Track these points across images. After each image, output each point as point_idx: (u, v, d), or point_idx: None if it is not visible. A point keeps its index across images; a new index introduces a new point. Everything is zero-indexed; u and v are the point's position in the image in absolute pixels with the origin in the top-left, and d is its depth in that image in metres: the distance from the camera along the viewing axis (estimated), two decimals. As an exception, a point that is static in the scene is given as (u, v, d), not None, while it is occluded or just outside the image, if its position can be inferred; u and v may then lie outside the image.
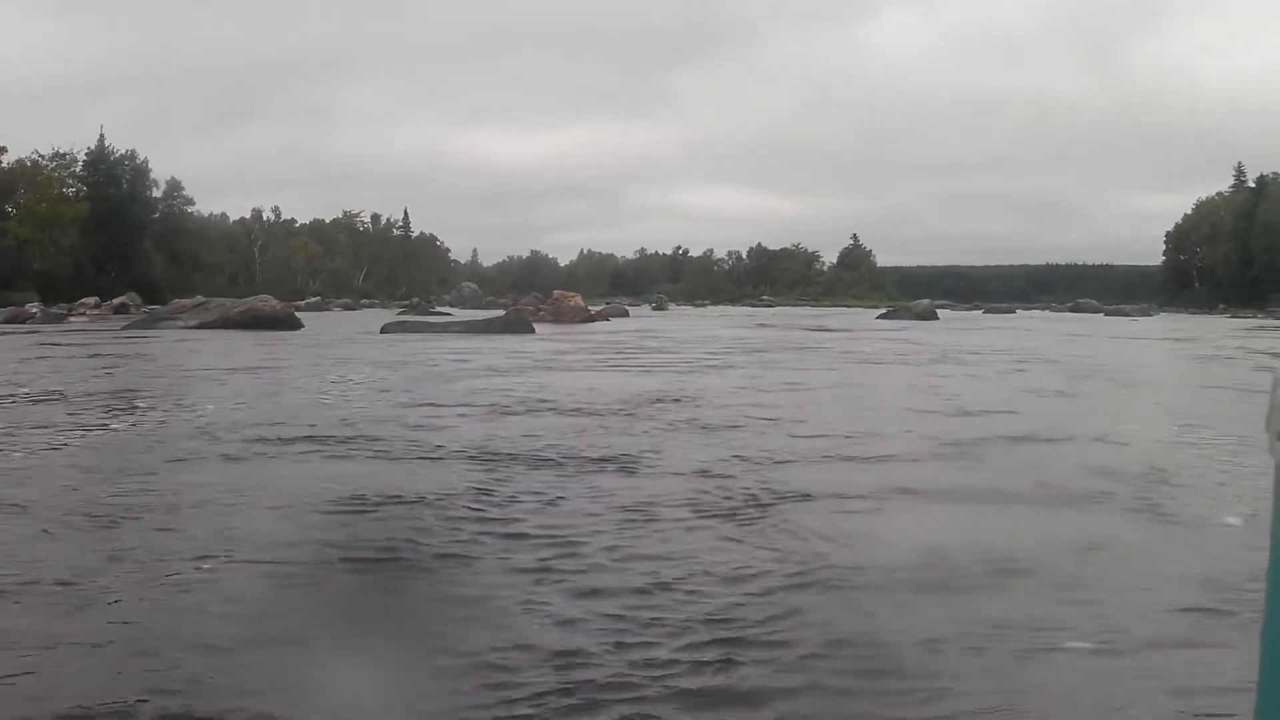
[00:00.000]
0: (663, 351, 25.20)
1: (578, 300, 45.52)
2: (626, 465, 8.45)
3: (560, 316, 43.70)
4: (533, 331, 32.36)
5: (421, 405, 13.16)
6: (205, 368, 19.54)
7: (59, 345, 26.77)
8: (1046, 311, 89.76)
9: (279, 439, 9.75)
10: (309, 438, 9.87)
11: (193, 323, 37.69)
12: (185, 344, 27.64)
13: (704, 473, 8.06)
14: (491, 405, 13.07)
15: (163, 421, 11.24)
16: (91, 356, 22.89)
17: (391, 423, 11.08)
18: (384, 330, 32.45)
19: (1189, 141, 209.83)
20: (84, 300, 73.12)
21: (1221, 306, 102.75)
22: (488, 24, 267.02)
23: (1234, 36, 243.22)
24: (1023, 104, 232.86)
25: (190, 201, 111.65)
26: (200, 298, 43.19)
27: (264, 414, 11.90)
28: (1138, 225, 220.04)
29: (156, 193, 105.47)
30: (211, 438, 9.88)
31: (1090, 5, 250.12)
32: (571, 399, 13.86)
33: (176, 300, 47.29)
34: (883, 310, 60.06)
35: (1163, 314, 78.11)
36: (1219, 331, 43.67)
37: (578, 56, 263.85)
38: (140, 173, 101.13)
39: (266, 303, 38.54)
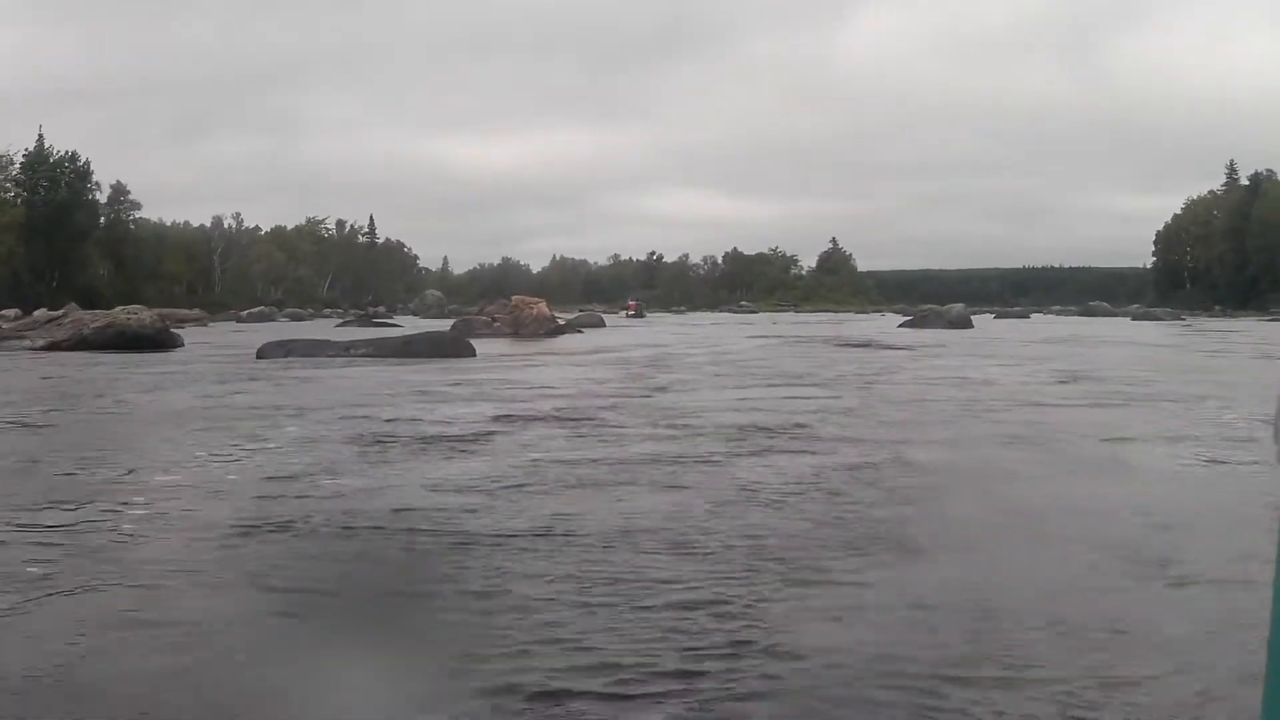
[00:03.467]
0: (690, 385, 15.17)
1: (541, 308, 34.81)
2: None
3: (521, 328, 33.24)
4: (472, 354, 21.91)
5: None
6: None
7: None
8: (1057, 315, 79.63)
9: None
10: None
11: (40, 343, 27.39)
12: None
13: None
14: None
15: None
16: None
17: None
18: (261, 355, 21.98)
19: (1167, 142, 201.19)
20: (3, 313, 63.03)
21: (1217, 308, 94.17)
22: (455, 28, 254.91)
23: (1214, 36, 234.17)
24: (1001, 104, 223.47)
25: (137, 206, 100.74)
26: (59, 310, 32.29)
27: None
28: (1113, 227, 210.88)
29: (101, 197, 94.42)
30: None
31: (1071, 5, 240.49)
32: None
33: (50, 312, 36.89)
34: (906, 318, 49.43)
35: (1190, 317, 68.35)
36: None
37: (548, 59, 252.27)
38: (82, 176, 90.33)
39: (134, 316, 28.08)
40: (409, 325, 47.50)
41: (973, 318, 47.05)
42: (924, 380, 16.84)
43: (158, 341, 27.05)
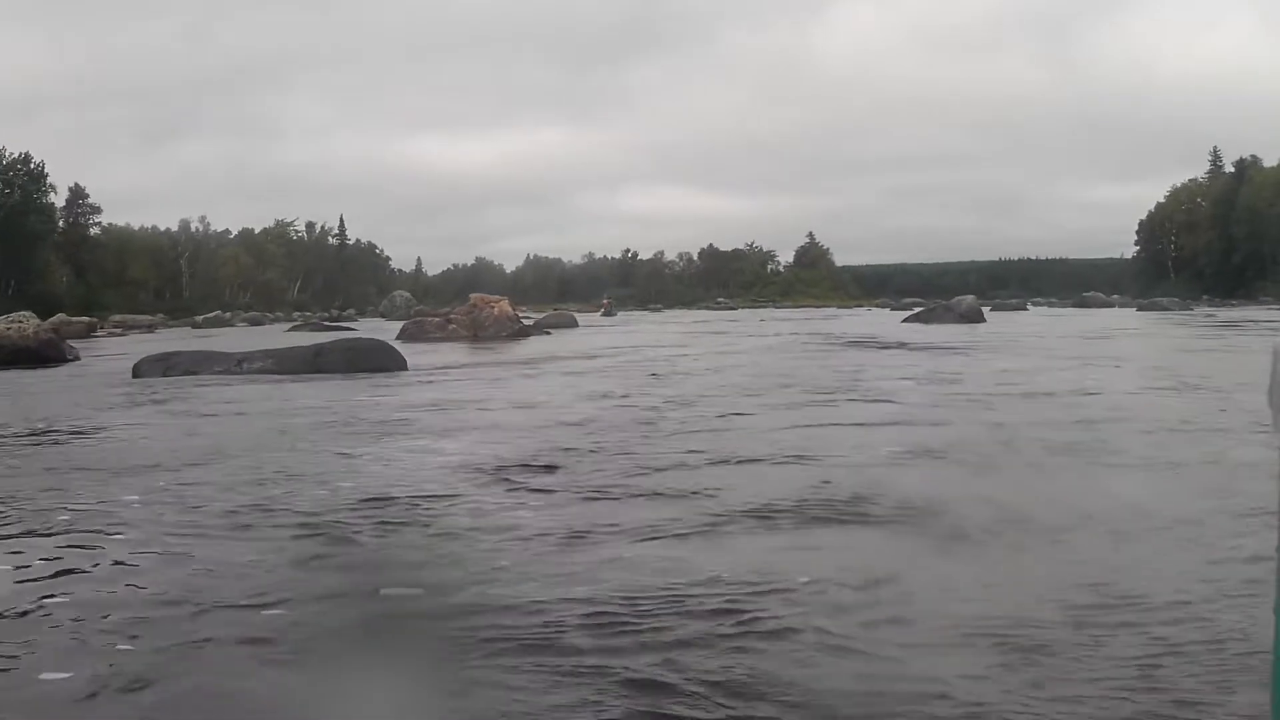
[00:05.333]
0: (700, 408, 10.32)
1: (504, 307, 29.67)
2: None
3: (480, 330, 28.24)
4: (403, 366, 17.01)
5: None
6: None
7: None
8: (1050, 308, 75.00)
9: None
10: None
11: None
12: None
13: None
14: None
15: None
16: None
17: None
18: (136, 373, 17.01)
19: (1143, 131, 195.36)
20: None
21: (1205, 297, 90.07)
22: (425, 27, 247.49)
23: (1190, 25, 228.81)
24: (976, 97, 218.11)
25: (96, 210, 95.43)
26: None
27: None
28: (1090, 218, 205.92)
29: (56, 200, 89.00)
30: None
31: None
32: None
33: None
34: (910, 312, 44.17)
35: (1203, 307, 64.01)
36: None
37: (520, 57, 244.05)
38: (36, 178, 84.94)
39: (14, 326, 23.09)
40: (373, 328, 42.60)
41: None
42: (1007, 392, 12.07)
43: (42, 355, 22.16)
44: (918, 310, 41.53)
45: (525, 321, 33.00)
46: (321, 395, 12.67)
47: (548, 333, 32.88)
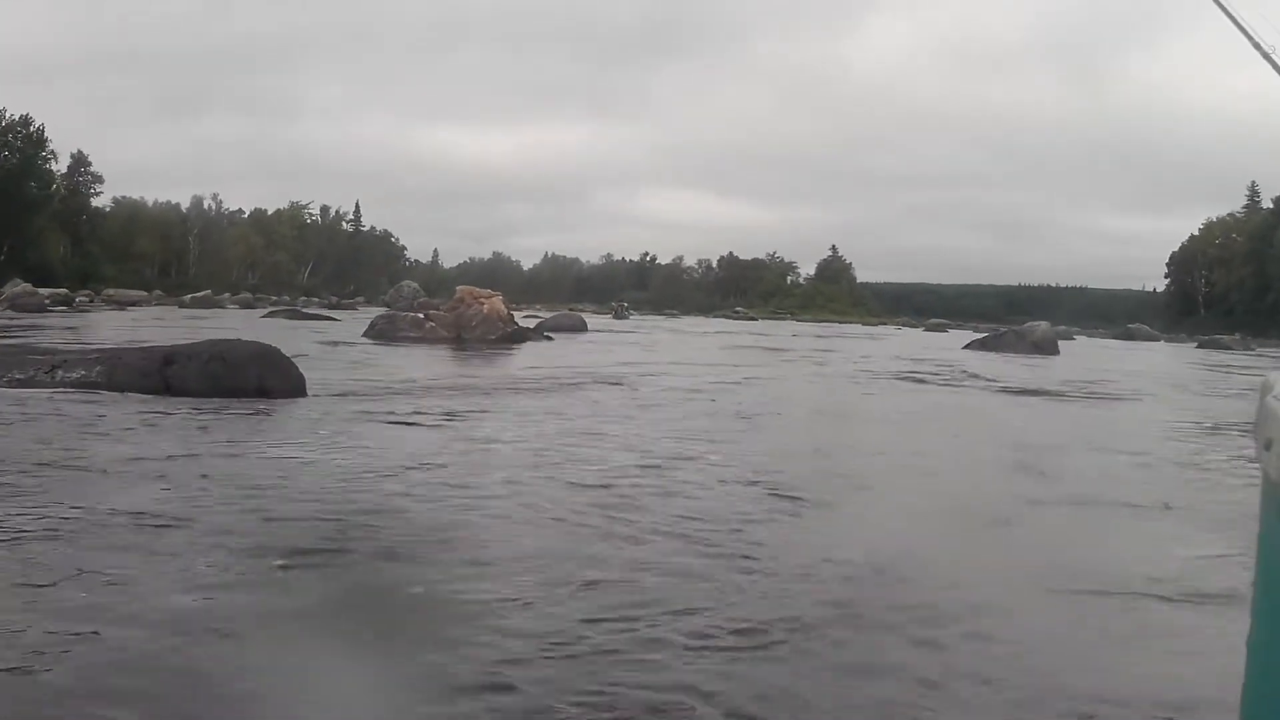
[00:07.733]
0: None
1: (495, 304, 23.44)
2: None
3: (465, 330, 22.35)
4: (297, 390, 10.48)
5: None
6: None
7: None
8: (1090, 338, 68.67)
9: None
10: None
11: None
12: None
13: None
14: None
15: None
16: None
17: None
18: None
19: (1169, 165, 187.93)
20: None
21: (1238, 335, 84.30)
22: (452, 15, 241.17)
23: (1223, 59, 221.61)
24: (1003, 119, 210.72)
25: (98, 179, 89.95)
26: None
27: None
28: (1110, 248, 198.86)
29: (57, 167, 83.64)
30: None
31: (1078, 23, 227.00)
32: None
33: None
34: (974, 338, 36.86)
35: (1262, 347, 58.25)
36: None
37: (543, 50, 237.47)
38: (35, 142, 79.54)
39: None
40: (368, 316, 37.12)
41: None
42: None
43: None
44: (982, 336, 35.35)
45: (525, 323, 27.16)
46: (113, 446, 7.00)
47: (549, 337, 26.73)
